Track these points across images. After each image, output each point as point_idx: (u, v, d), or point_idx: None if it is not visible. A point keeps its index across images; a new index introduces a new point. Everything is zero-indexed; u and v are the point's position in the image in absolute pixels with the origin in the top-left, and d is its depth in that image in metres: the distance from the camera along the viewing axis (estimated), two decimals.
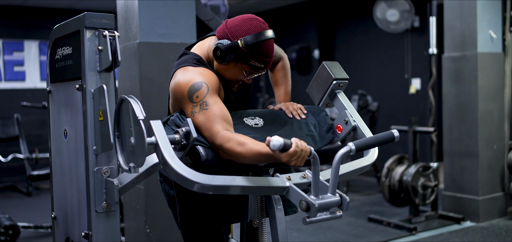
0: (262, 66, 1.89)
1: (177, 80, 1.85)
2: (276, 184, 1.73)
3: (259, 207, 1.94)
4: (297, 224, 4.67)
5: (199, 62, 1.91)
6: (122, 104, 1.64)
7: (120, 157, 1.66)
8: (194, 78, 1.82)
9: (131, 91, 3.23)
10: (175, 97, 1.87)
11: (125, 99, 1.61)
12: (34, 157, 5.43)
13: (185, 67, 1.88)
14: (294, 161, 1.62)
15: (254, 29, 1.85)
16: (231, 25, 1.87)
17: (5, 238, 4.14)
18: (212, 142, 1.75)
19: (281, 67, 2.20)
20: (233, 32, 1.85)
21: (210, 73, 1.88)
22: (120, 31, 3.31)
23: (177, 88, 1.84)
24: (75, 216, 1.89)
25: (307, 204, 1.63)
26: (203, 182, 1.61)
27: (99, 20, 1.75)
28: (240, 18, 1.89)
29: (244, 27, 1.85)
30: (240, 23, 1.86)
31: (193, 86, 1.80)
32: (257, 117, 1.95)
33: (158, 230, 3.17)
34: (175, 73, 1.89)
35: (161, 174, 2.09)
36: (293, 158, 1.61)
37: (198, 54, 1.95)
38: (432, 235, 4.26)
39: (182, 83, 1.82)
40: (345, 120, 2.03)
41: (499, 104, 4.70)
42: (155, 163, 1.73)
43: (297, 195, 1.69)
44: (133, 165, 1.61)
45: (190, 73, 1.84)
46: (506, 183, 4.73)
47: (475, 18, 4.52)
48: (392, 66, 7.25)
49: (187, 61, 1.91)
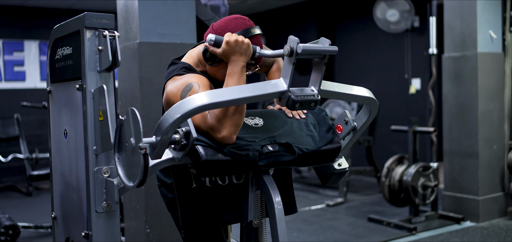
0: (252, 62, 1.89)
1: (168, 91, 1.85)
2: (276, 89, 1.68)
3: (259, 207, 1.94)
4: (297, 224, 4.67)
5: (187, 70, 1.91)
6: (122, 126, 1.63)
7: (122, 176, 1.65)
8: (185, 82, 1.82)
9: (131, 91, 3.24)
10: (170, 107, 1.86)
11: (122, 121, 1.60)
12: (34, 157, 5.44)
13: (174, 77, 1.88)
14: (238, 50, 1.73)
15: (239, 27, 1.86)
16: (217, 27, 1.89)
17: (5, 238, 4.14)
18: (210, 132, 1.74)
19: (276, 69, 2.19)
20: (219, 33, 1.86)
21: (200, 76, 1.88)
22: (120, 31, 3.31)
23: (170, 97, 1.83)
24: (75, 216, 1.89)
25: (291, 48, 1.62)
26: (206, 102, 1.56)
27: (99, 20, 1.75)
28: (225, 19, 1.90)
29: (229, 26, 1.86)
30: (225, 23, 1.88)
31: (186, 87, 1.80)
32: (257, 117, 1.95)
33: (158, 230, 3.17)
34: (166, 85, 1.89)
35: (159, 179, 2.10)
36: (236, 48, 1.73)
37: (187, 63, 1.95)
38: (432, 235, 4.26)
39: (174, 90, 1.82)
40: (345, 120, 2.03)
41: (499, 104, 4.70)
42: (155, 164, 1.73)
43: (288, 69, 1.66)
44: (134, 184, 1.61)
45: (179, 81, 1.85)
46: (506, 183, 4.73)
47: (475, 18, 4.52)
48: (392, 66, 7.25)
49: (175, 70, 1.91)
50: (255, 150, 1.78)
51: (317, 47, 1.68)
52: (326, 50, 1.68)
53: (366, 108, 2.01)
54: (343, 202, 5.55)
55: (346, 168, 2.16)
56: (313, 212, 5.19)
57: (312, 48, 1.66)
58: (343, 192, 5.59)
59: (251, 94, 1.64)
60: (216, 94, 1.61)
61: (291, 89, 1.66)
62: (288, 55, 1.64)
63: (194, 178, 1.93)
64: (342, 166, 2.16)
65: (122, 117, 1.61)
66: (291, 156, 1.84)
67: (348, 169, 2.18)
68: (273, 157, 1.81)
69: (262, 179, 1.88)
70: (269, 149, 1.81)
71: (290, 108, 1.67)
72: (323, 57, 1.70)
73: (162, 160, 1.73)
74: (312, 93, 1.69)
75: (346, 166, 2.17)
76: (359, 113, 2.05)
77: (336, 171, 2.14)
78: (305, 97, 1.67)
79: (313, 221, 4.83)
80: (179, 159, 1.72)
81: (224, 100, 1.60)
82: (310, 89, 1.71)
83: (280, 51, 1.75)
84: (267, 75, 2.22)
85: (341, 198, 5.57)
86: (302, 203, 5.48)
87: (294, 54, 1.63)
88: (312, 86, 1.72)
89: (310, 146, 1.91)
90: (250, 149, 1.77)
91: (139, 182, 1.56)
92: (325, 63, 1.71)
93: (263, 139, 1.83)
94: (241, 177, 2.00)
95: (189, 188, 1.92)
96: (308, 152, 1.88)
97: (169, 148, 1.70)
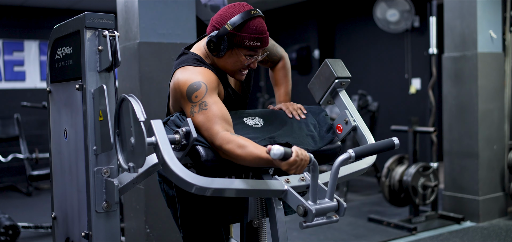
0: (258, 44, 1.87)
1: (176, 79, 1.85)
2: (274, 188, 1.73)
3: (259, 207, 1.94)
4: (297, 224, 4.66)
5: (199, 62, 1.91)
6: (122, 103, 1.64)
7: (120, 157, 1.66)
8: (193, 78, 1.82)
9: (131, 91, 3.23)
10: (175, 97, 1.87)
11: (126, 98, 1.61)
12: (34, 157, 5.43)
13: (184, 67, 1.88)
14: (293, 169, 1.64)
15: (238, 11, 1.86)
16: (217, 17, 1.90)
17: (5, 238, 4.14)
18: (212, 142, 1.75)
19: (281, 67, 2.20)
20: (219, 21, 1.87)
21: (209, 72, 1.88)
22: (120, 31, 3.31)
23: (176, 87, 1.84)
24: (75, 216, 1.89)
25: (305, 210, 1.64)
26: (201, 184, 1.61)
27: (99, 20, 1.75)
28: (223, 8, 1.91)
29: (228, 12, 1.87)
30: (223, 11, 1.89)
31: (192, 85, 1.80)
32: (257, 117, 1.95)
33: (158, 230, 3.17)
34: (175, 73, 1.89)
35: (160, 174, 2.09)
36: (292, 167, 1.63)
37: (198, 54, 1.95)
38: (432, 235, 4.25)
39: (181, 82, 1.82)
40: (345, 120, 2.03)
41: (499, 104, 4.70)
42: (155, 163, 1.73)
43: (295, 199, 1.70)
44: (133, 165, 1.61)
45: (189, 73, 1.84)
46: (506, 183, 4.73)
47: (475, 18, 4.52)
48: (392, 66, 7.25)
49: (186, 60, 1.91)
50: None
51: (328, 205, 1.70)
52: (334, 206, 1.71)
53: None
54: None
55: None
56: None
57: (324, 207, 1.69)
58: (343, 192, 5.59)
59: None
60: (219, 182, 1.66)
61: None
62: (301, 215, 1.67)
63: None
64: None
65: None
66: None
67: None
68: None
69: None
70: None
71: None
72: None
73: None
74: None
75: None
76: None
77: None
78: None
79: None
80: (179, 159, 1.72)
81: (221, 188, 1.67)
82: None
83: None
84: (272, 70, 2.22)
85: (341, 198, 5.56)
86: None
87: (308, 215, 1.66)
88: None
89: (310, 146, 1.91)
90: None
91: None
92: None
93: (263, 139, 1.83)
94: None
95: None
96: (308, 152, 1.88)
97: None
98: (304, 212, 1.64)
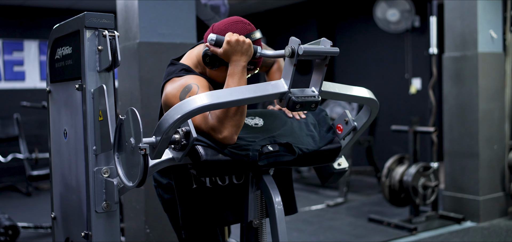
0: (251, 67, 1.89)
1: (167, 92, 1.85)
2: (277, 90, 1.67)
3: (259, 207, 1.93)
4: (297, 224, 4.67)
5: (186, 71, 1.90)
6: (121, 126, 1.63)
7: (122, 176, 1.65)
8: (184, 83, 1.82)
9: (131, 91, 3.23)
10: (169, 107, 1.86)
11: (123, 121, 1.60)
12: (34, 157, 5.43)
13: (173, 79, 1.87)
14: (239, 50, 1.73)
15: (240, 32, 1.84)
16: (217, 31, 1.87)
17: (5, 238, 4.14)
18: (212, 135, 1.74)
19: (276, 69, 2.19)
20: (219, 34, 1.84)
21: (199, 77, 1.87)
22: (120, 31, 3.31)
23: (169, 98, 1.82)
24: (75, 216, 1.88)
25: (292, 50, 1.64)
26: (207, 103, 1.57)
27: (99, 20, 1.75)
28: (226, 22, 1.88)
29: (229, 30, 1.84)
30: (225, 27, 1.86)
31: (185, 89, 1.80)
32: (257, 117, 1.94)
33: (158, 230, 3.17)
34: (165, 87, 1.88)
35: (155, 179, 2.09)
36: (237, 48, 1.73)
37: (186, 64, 1.94)
38: (433, 235, 4.25)
39: (173, 92, 1.82)
40: (345, 120, 2.02)
41: (499, 104, 4.70)
42: (155, 164, 1.73)
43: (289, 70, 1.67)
44: (133, 184, 1.60)
45: (179, 81, 1.84)
46: (506, 183, 4.73)
47: (476, 18, 4.51)
48: (392, 66, 7.25)
49: (174, 72, 1.90)
50: (255, 150, 1.77)
51: (318, 48, 1.67)
52: (328, 51, 1.68)
53: (367, 109, 2.01)
54: (344, 202, 5.55)
55: (345, 167, 2.16)
56: (313, 212, 5.18)
57: (314, 50, 1.66)
58: (343, 192, 5.59)
59: (252, 95, 1.64)
60: (217, 95, 1.61)
61: (292, 90, 1.66)
62: (289, 56, 1.64)
63: (194, 178, 1.93)
64: (342, 165, 2.16)
65: (122, 116, 1.61)
66: (291, 156, 1.84)
67: (347, 168, 2.18)
68: (273, 157, 1.81)
69: (262, 179, 1.88)
70: (269, 149, 1.81)
71: (291, 109, 1.67)
72: (324, 58, 1.70)
73: (162, 160, 1.73)
74: (313, 94, 1.68)
75: (345, 165, 2.17)
76: (360, 113, 2.04)
77: (336, 171, 2.14)
78: (306, 98, 1.66)
79: (313, 221, 4.82)
80: (179, 159, 1.72)
81: (225, 101, 1.60)
82: (311, 90, 1.70)
83: (281, 52, 1.74)
84: (267, 75, 2.22)
85: (341, 198, 5.57)
86: (302, 203, 5.47)
87: (295, 55, 1.63)
88: (313, 87, 1.71)
89: (310, 146, 1.90)
90: (250, 149, 1.77)
91: (138, 182, 1.56)
92: (326, 65, 1.71)
93: (263, 139, 1.83)
94: (241, 178, 2.00)
95: (189, 189, 1.92)
96: (308, 152, 1.88)
97: (169, 148, 1.70)
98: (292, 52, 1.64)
